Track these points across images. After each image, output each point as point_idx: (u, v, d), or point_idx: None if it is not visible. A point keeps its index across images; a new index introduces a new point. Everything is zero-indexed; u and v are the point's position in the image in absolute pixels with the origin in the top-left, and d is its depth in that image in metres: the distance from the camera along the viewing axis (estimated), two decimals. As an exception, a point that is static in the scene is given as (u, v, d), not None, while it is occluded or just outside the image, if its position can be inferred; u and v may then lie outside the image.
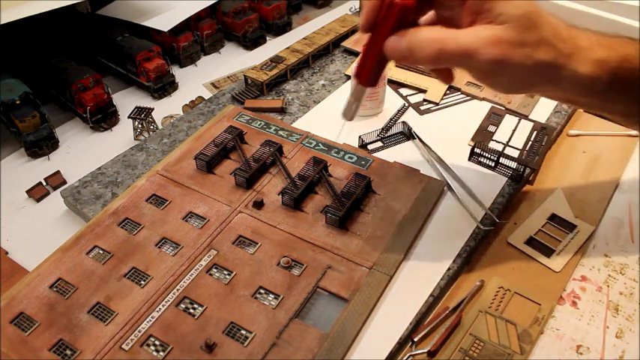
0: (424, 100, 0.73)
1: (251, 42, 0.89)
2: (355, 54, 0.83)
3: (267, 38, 0.92)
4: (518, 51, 0.38)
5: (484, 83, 0.44)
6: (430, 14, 0.45)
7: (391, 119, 0.69)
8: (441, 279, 0.49)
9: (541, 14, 0.39)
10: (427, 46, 0.39)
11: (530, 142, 0.64)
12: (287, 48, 0.81)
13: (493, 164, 0.60)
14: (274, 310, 0.45)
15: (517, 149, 0.63)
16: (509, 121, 0.68)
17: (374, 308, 0.46)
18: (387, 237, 0.52)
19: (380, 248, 0.50)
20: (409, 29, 0.40)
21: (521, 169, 0.58)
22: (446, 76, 0.48)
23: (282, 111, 0.71)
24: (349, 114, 0.47)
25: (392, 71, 0.76)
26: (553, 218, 0.56)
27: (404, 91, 0.75)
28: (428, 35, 0.39)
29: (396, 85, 0.76)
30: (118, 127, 0.73)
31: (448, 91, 0.74)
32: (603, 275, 0.50)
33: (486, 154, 0.60)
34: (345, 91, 0.74)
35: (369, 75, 0.44)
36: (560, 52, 0.40)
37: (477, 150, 0.61)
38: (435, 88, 0.74)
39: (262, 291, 0.47)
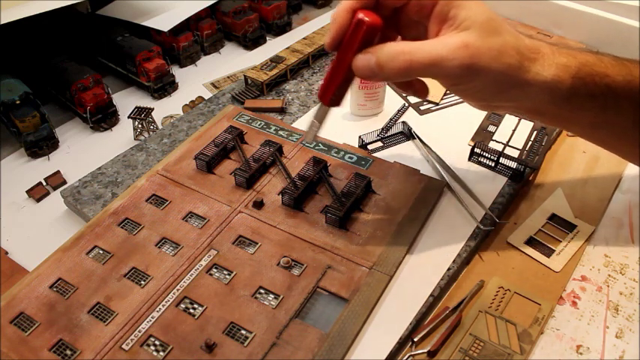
0: (424, 100, 0.73)
1: (251, 42, 0.89)
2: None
3: (267, 38, 0.92)
4: (486, 54, 0.39)
5: (456, 92, 0.45)
6: (398, 39, 0.46)
7: (391, 119, 0.69)
8: (441, 279, 0.49)
9: (502, 22, 0.40)
10: (396, 60, 0.39)
11: (530, 142, 0.64)
12: (287, 48, 0.81)
13: (493, 164, 0.60)
14: (274, 310, 0.45)
15: (517, 149, 0.63)
16: (509, 121, 0.68)
17: (374, 308, 0.46)
18: (387, 237, 0.52)
19: (380, 248, 0.50)
20: (376, 46, 0.40)
21: (521, 169, 0.58)
22: (420, 90, 0.48)
23: (282, 111, 0.71)
24: (310, 136, 0.47)
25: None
26: (553, 218, 0.56)
27: (404, 91, 0.75)
28: (395, 49, 0.39)
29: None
30: (118, 127, 0.73)
31: (448, 91, 0.74)
32: (603, 275, 0.50)
33: (486, 154, 0.60)
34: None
35: (334, 95, 0.44)
36: (525, 56, 0.41)
37: (477, 150, 0.61)
38: (435, 88, 0.73)
39: (262, 291, 0.47)
